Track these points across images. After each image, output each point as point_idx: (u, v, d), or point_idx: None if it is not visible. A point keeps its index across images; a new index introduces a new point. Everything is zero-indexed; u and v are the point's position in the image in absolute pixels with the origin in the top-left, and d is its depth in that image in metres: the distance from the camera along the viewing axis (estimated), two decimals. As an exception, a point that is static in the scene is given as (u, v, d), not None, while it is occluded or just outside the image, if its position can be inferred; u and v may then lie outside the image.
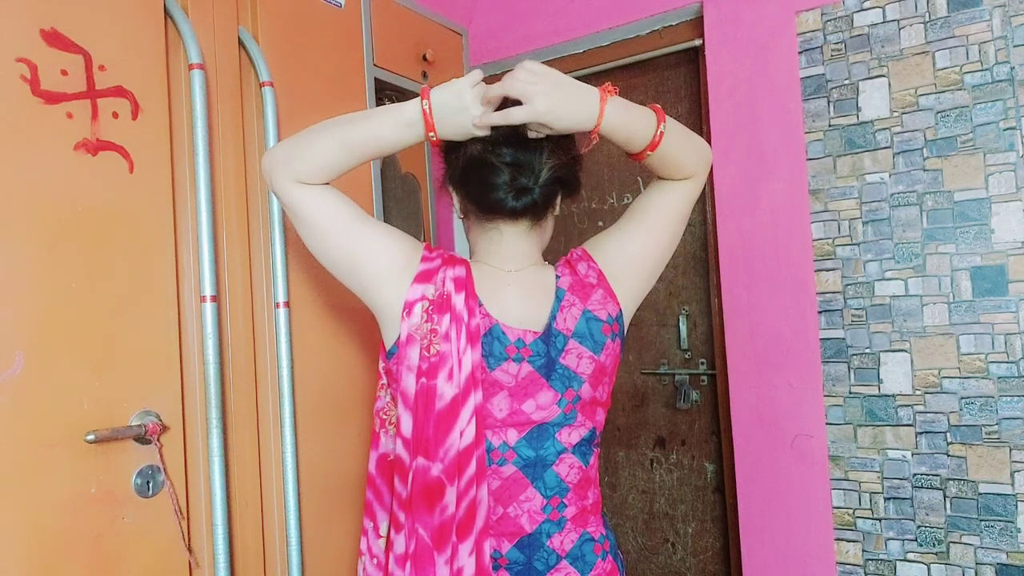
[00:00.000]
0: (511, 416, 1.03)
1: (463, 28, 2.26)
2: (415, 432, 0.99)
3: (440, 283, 1.02)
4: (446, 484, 0.98)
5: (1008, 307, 1.58)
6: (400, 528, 1.03)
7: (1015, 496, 1.57)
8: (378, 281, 1.04)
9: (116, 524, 1.15)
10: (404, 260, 1.04)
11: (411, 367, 0.98)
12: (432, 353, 0.98)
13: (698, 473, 2.12)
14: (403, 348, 1.00)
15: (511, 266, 1.09)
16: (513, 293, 1.07)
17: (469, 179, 1.05)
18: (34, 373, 1.07)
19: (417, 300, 1.00)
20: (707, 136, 1.98)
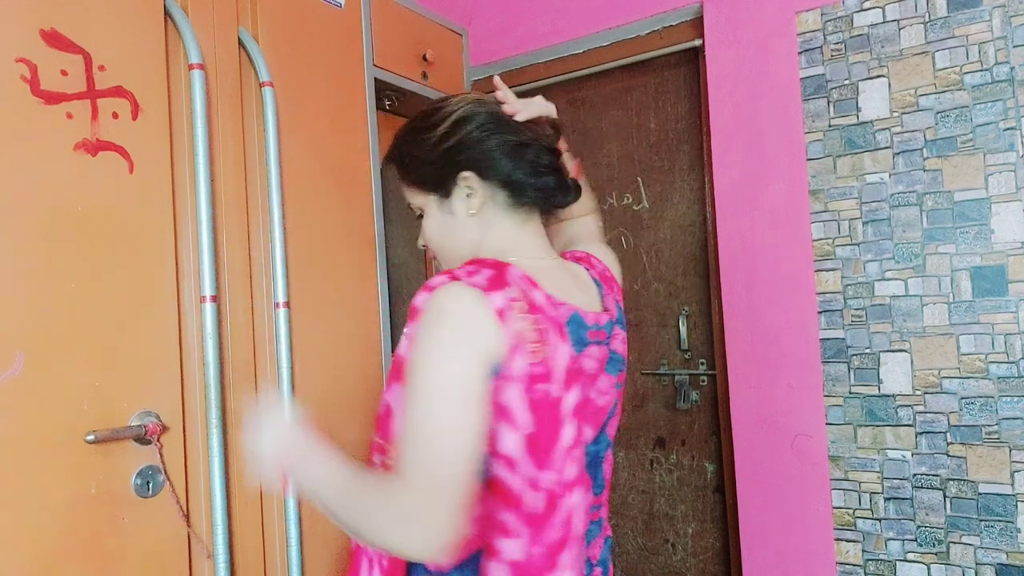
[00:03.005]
0: (590, 406, 0.95)
1: (463, 28, 2.26)
2: (528, 444, 0.83)
3: (512, 282, 0.87)
4: (560, 494, 0.85)
5: (1008, 307, 1.58)
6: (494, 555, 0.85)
7: (1015, 496, 1.57)
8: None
9: (116, 524, 1.15)
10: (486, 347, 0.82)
11: (516, 376, 0.83)
12: (536, 356, 0.85)
13: (698, 473, 2.12)
14: (509, 358, 0.83)
15: (547, 255, 1.00)
16: (566, 278, 0.99)
17: (506, 162, 0.94)
18: (34, 373, 1.07)
19: (504, 305, 0.82)
20: (707, 136, 1.98)
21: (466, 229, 0.97)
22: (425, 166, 0.95)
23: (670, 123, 2.16)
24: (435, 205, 0.96)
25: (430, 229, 0.98)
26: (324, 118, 1.64)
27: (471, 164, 0.94)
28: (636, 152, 2.22)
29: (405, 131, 0.98)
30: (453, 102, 0.97)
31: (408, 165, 0.97)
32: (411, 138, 0.97)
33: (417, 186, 0.97)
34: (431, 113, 0.97)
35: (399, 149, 0.99)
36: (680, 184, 2.15)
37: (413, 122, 0.99)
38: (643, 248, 2.21)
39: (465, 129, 0.94)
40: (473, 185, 0.94)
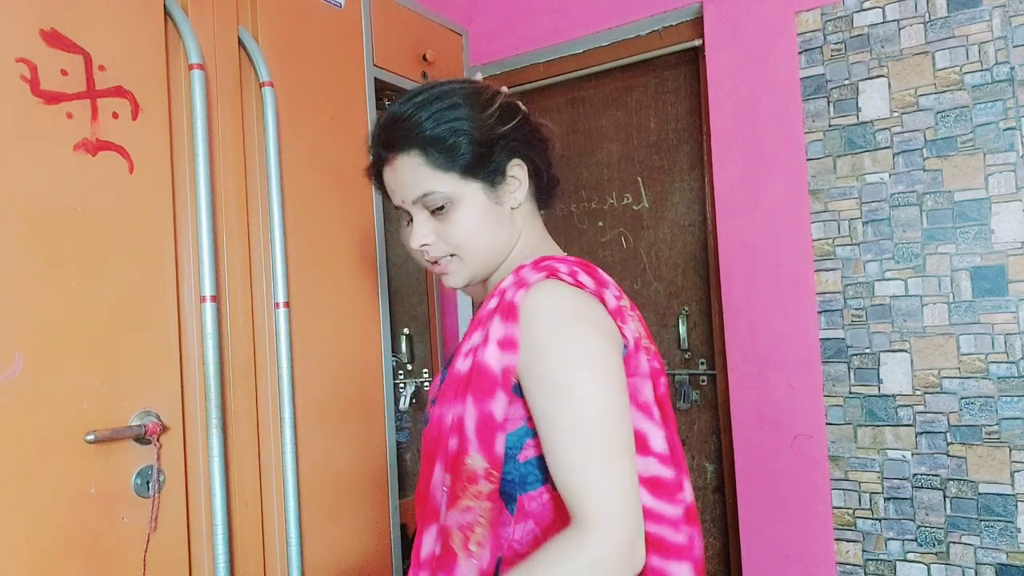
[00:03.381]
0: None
1: (463, 28, 2.26)
2: (669, 442, 0.82)
3: (608, 279, 0.89)
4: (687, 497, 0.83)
5: (1008, 307, 1.58)
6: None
7: (1015, 496, 1.57)
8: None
9: (115, 524, 1.15)
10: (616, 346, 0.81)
11: (643, 374, 0.81)
12: (650, 352, 0.87)
13: (698, 473, 2.12)
14: (632, 357, 0.82)
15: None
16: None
17: (545, 156, 0.95)
18: (34, 373, 1.07)
19: (615, 305, 0.83)
20: (707, 136, 1.98)
21: (510, 224, 0.91)
22: (478, 147, 0.85)
23: (670, 123, 2.16)
24: (479, 194, 0.87)
25: (468, 221, 0.86)
26: (324, 118, 1.64)
27: (522, 152, 0.90)
28: (636, 152, 2.22)
29: (444, 106, 0.85)
30: (481, 83, 0.91)
31: (452, 145, 0.84)
32: (459, 114, 0.85)
33: (459, 170, 0.85)
34: (477, 91, 0.88)
35: (441, 125, 0.84)
36: (680, 184, 2.15)
37: (451, 96, 0.86)
38: (643, 248, 2.21)
39: (520, 113, 0.90)
40: (520, 176, 0.90)
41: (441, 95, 0.86)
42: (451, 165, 0.85)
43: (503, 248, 0.91)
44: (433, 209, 0.86)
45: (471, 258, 0.89)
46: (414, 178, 0.86)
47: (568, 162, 2.34)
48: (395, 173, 0.88)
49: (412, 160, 0.85)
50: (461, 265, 0.89)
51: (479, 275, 0.91)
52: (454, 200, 0.86)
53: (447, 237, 0.87)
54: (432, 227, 0.88)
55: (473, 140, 0.85)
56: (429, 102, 0.85)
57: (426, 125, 0.84)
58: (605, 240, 2.28)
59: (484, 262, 0.90)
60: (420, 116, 0.85)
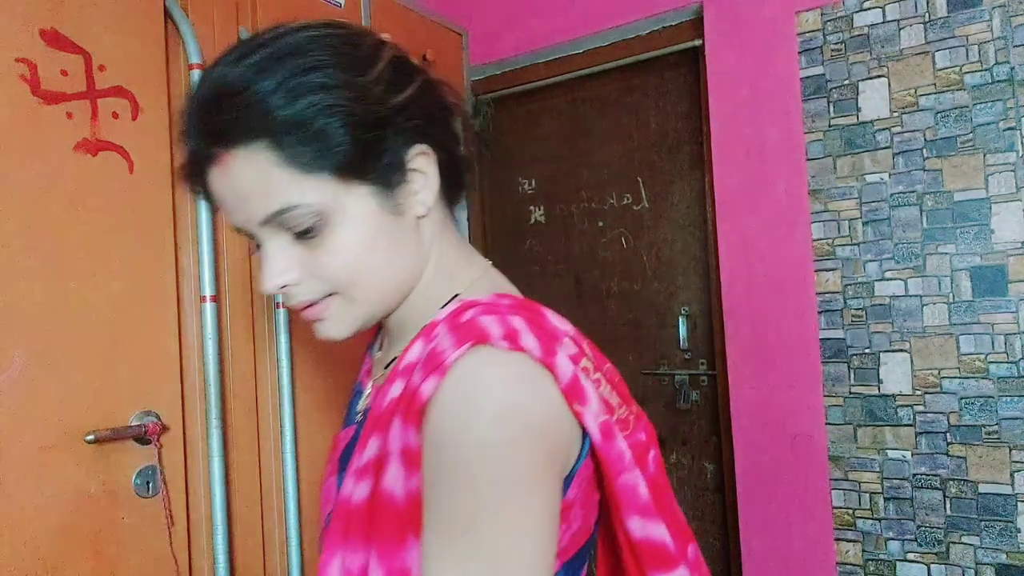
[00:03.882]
0: None
1: (463, 28, 2.26)
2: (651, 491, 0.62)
3: (558, 326, 0.60)
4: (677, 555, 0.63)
5: (1008, 307, 1.58)
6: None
7: (1015, 496, 1.57)
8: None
9: (115, 524, 1.15)
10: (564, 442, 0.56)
11: (630, 463, 0.60)
12: (628, 426, 0.63)
13: (698, 473, 2.12)
14: (607, 446, 0.58)
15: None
16: None
17: (453, 134, 0.66)
18: (34, 373, 1.07)
19: (571, 376, 0.55)
20: (707, 136, 1.98)
21: (416, 240, 0.62)
22: (362, 131, 0.55)
23: (670, 123, 2.16)
24: (368, 202, 0.58)
25: (354, 245, 0.57)
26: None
27: (427, 132, 0.61)
28: (636, 152, 2.22)
29: (301, 67, 0.54)
30: (354, 28, 0.61)
31: (320, 131, 0.54)
32: (327, 79, 0.54)
33: (334, 170, 0.55)
34: (351, 41, 0.58)
35: (300, 99, 0.53)
36: (680, 184, 2.15)
37: (311, 51, 0.55)
38: (643, 248, 2.21)
39: (418, 73, 0.62)
40: (426, 168, 0.61)
41: (295, 49, 0.55)
42: (321, 163, 0.55)
43: (407, 277, 0.63)
44: (298, 232, 0.57)
45: (362, 296, 0.60)
46: (261, 186, 0.55)
47: (568, 162, 2.34)
48: (229, 178, 0.56)
49: (256, 158, 0.54)
50: (346, 307, 0.60)
51: (373, 318, 0.63)
52: (329, 216, 0.56)
53: (322, 271, 0.58)
54: (296, 257, 0.58)
55: (353, 120, 0.55)
56: (276, 61, 0.54)
57: (274, 100, 0.53)
58: (605, 240, 2.28)
59: (381, 299, 0.62)
60: (263, 86, 0.53)
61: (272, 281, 0.59)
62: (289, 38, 0.56)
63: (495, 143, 2.48)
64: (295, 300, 0.61)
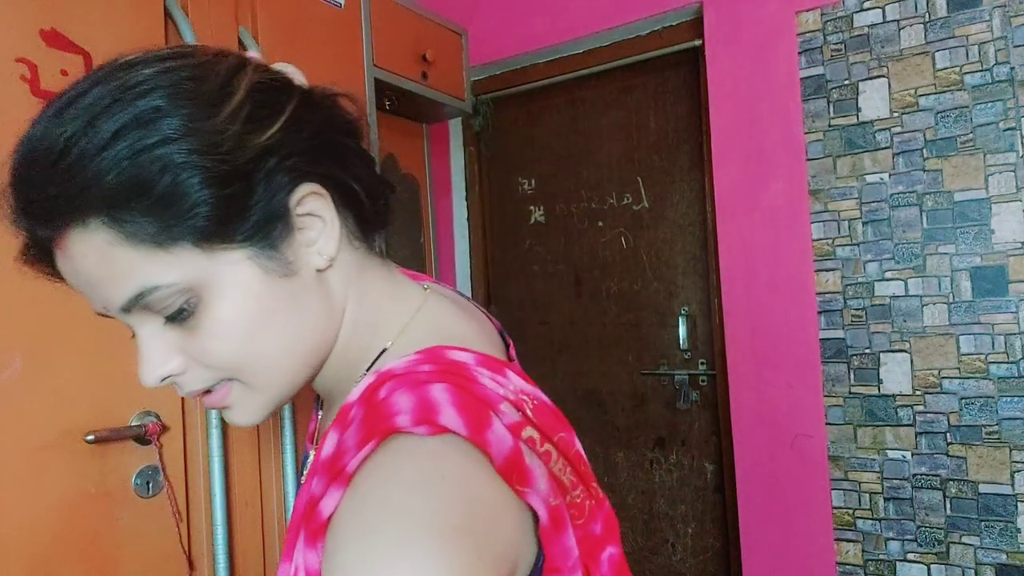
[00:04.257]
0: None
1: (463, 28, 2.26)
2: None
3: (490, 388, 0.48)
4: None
5: (1008, 307, 1.58)
6: None
7: (1015, 496, 1.57)
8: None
9: (115, 524, 1.15)
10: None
11: (572, 559, 0.49)
12: (582, 511, 0.52)
13: (698, 473, 2.12)
14: (550, 539, 0.47)
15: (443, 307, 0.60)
16: (485, 331, 0.60)
17: (357, 160, 0.55)
18: (34, 373, 1.07)
19: (509, 451, 0.45)
20: (707, 136, 1.98)
21: (321, 299, 0.52)
22: (221, 185, 0.45)
23: (670, 123, 2.16)
24: (247, 269, 0.48)
25: (237, 322, 0.48)
26: (324, 118, 1.64)
27: (315, 167, 0.50)
28: (636, 152, 2.22)
29: (132, 114, 0.43)
30: (201, 51, 0.49)
31: (168, 194, 0.43)
32: (167, 127, 0.43)
33: (194, 238, 0.45)
34: (196, 71, 0.46)
35: (136, 156, 0.43)
36: (680, 184, 2.15)
37: (143, 92, 0.44)
38: (643, 248, 2.21)
39: (292, 94, 0.50)
40: (321, 210, 0.51)
41: (123, 94, 0.44)
42: (173, 233, 0.45)
43: (315, 345, 0.53)
44: (169, 315, 0.47)
45: (259, 381, 0.51)
46: (109, 271, 0.45)
47: (568, 162, 2.35)
48: (71, 264, 0.46)
49: (94, 239, 0.44)
50: (247, 394, 0.52)
51: (284, 398, 0.54)
52: (201, 292, 0.47)
53: (205, 357, 0.49)
54: (174, 343, 0.49)
55: (205, 176, 0.44)
56: (100, 113, 0.44)
57: (100, 165, 0.43)
58: (605, 240, 2.28)
59: (285, 380, 0.52)
60: (84, 148, 0.43)
61: (151, 374, 0.49)
62: (115, 80, 0.45)
63: (495, 143, 2.48)
64: (186, 390, 0.51)
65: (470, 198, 2.50)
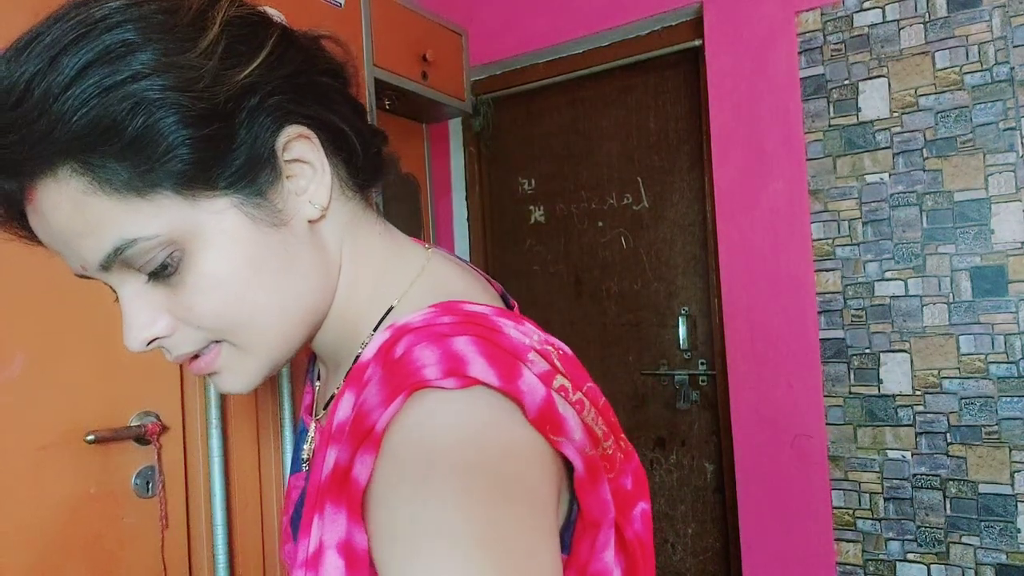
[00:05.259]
0: None
1: (463, 28, 2.26)
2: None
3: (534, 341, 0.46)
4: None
5: (1008, 307, 1.58)
6: None
7: (1015, 496, 1.57)
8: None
9: (116, 524, 1.15)
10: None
11: (606, 506, 0.46)
12: (614, 463, 0.49)
13: (698, 473, 2.12)
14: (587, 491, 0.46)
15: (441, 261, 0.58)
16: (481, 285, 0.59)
17: (344, 104, 0.51)
18: (34, 373, 1.07)
19: (543, 400, 0.43)
20: (707, 136, 1.98)
21: (314, 251, 0.49)
22: (200, 125, 0.41)
23: (670, 123, 2.16)
24: (234, 217, 0.44)
25: (224, 278, 0.45)
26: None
27: (301, 107, 0.46)
28: (636, 152, 2.22)
29: (99, 50, 0.40)
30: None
31: (142, 136, 0.40)
32: (139, 62, 0.40)
33: (174, 184, 0.42)
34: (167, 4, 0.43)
35: (106, 94, 0.39)
36: (680, 184, 2.15)
37: (111, 26, 0.40)
38: (643, 248, 2.21)
39: (272, 29, 0.47)
40: (309, 154, 0.47)
41: (89, 28, 0.41)
42: (151, 179, 0.41)
43: (311, 303, 0.49)
44: (151, 271, 0.44)
45: (252, 341, 0.47)
46: (83, 223, 0.42)
47: (568, 162, 2.35)
48: (43, 219, 0.43)
49: (66, 188, 0.41)
50: (238, 357, 0.48)
51: (279, 362, 0.50)
52: (185, 244, 0.43)
53: (192, 315, 0.45)
54: (159, 302, 0.46)
55: (182, 114, 0.41)
56: (64, 49, 0.41)
57: (67, 104, 0.39)
58: (605, 240, 2.28)
59: (279, 341, 0.49)
60: (48, 87, 0.40)
61: (136, 337, 0.45)
62: (78, 15, 0.42)
63: (495, 143, 2.48)
64: (174, 355, 0.48)
65: (470, 198, 2.50)
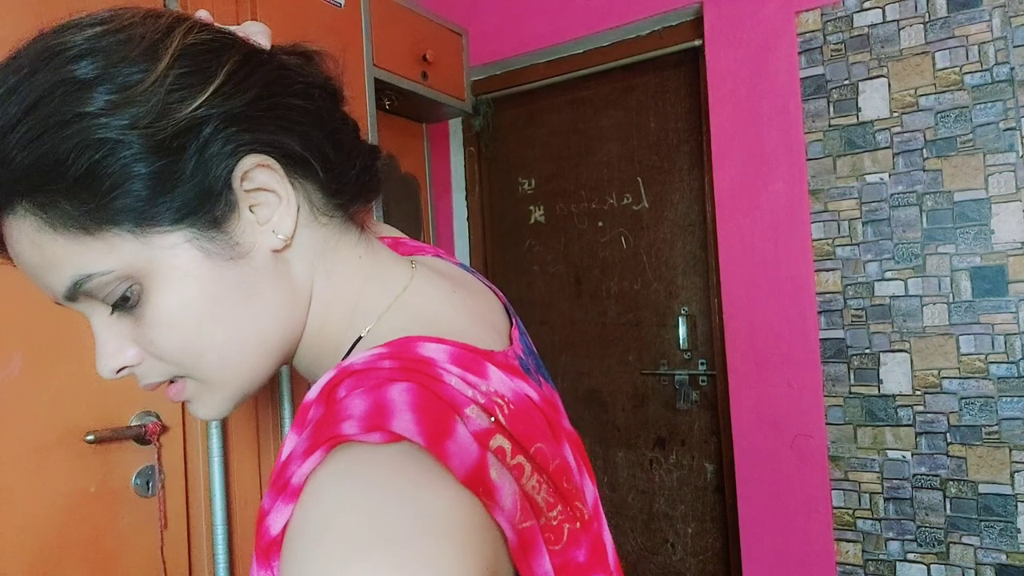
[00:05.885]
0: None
1: (463, 28, 2.26)
2: None
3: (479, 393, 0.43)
4: None
5: (1008, 307, 1.58)
6: None
7: (1015, 496, 1.57)
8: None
9: (116, 524, 1.15)
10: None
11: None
12: (560, 536, 0.44)
13: (698, 473, 2.12)
14: (520, 562, 0.41)
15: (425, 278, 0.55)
16: (479, 306, 0.56)
17: (314, 127, 0.49)
18: (34, 373, 1.07)
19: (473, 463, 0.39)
20: (707, 136, 1.98)
21: (277, 281, 0.48)
22: (148, 159, 0.41)
23: (670, 123, 2.16)
24: (187, 254, 0.44)
25: (179, 314, 0.44)
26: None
27: (261, 132, 0.45)
28: (636, 152, 2.22)
29: (43, 89, 0.40)
30: (131, 12, 0.45)
31: (88, 175, 0.40)
32: (82, 100, 0.40)
33: (125, 222, 0.42)
34: (117, 35, 0.42)
35: (47, 136, 0.39)
36: (680, 184, 2.15)
37: (57, 62, 0.41)
38: (643, 248, 2.21)
39: (232, 51, 0.47)
40: (272, 183, 0.46)
41: (38, 64, 0.42)
42: (99, 216, 0.41)
43: (276, 335, 0.48)
44: (114, 303, 0.45)
45: (213, 377, 0.47)
46: (43, 257, 0.43)
47: (568, 162, 2.35)
48: (13, 249, 0.45)
49: (22, 225, 0.42)
50: (205, 390, 0.48)
51: (246, 393, 0.50)
52: (141, 279, 0.44)
53: (153, 348, 0.46)
54: (126, 332, 0.46)
55: (129, 152, 0.40)
56: (12, 88, 0.41)
57: (11, 145, 0.40)
58: (605, 240, 2.28)
59: (243, 375, 0.48)
60: (2, 125, 0.40)
61: (106, 365, 0.47)
62: (31, 49, 0.43)
63: (495, 143, 2.48)
64: (144, 382, 0.48)
65: (470, 198, 2.50)
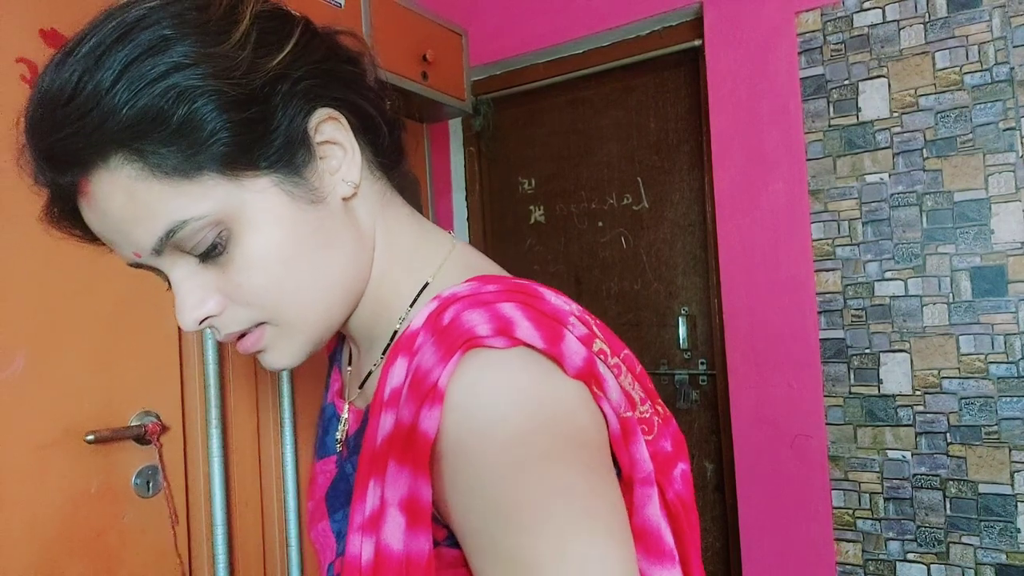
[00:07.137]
0: None
1: (463, 28, 2.25)
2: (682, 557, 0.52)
3: (574, 308, 0.51)
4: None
5: (1008, 307, 1.58)
6: None
7: (1015, 496, 1.57)
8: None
9: (116, 523, 1.15)
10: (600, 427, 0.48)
11: (645, 472, 0.49)
12: (651, 428, 0.53)
13: (698, 473, 2.12)
14: (620, 449, 0.49)
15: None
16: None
17: (367, 89, 0.56)
18: (34, 373, 1.07)
19: (583, 361, 0.46)
20: (707, 136, 1.98)
21: (349, 228, 0.52)
22: (237, 109, 0.45)
23: (670, 123, 2.16)
24: (274, 195, 0.48)
25: (270, 253, 0.48)
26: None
27: (328, 91, 0.51)
28: (636, 152, 2.22)
29: (139, 48, 0.44)
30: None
31: (186, 122, 0.43)
32: (176, 55, 0.43)
33: (219, 165, 0.45)
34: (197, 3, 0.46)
35: (150, 86, 0.43)
36: (680, 184, 2.15)
37: (148, 25, 0.44)
38: (643, 248, 2.21)
39: (294, 23, 0.52)
40: (339, 136, 0.51)
41: (129, 28, 0.45)
42: (197, 161, 0.45)
43: (351, 278, 0.52)
44: (202, 252, 0.47)
45: (297, 318, 0.50)
46: (136, 208, 0.45)
47: (568, 162, 2.35)
48: (98, 209, 0.47)
49: (118, 176, 0.44)
50: (284, 335, 0.51)
51: (322, 339, 0.54)
52: (231, 223, 0.47)
53: (240, 293, 0.48)
54: (210, 282, 0.49)
55: (222, 100, 0.44)
56: (108, 49, 0.44)
57: (115, 98, 0.43)
58: (605, 240, 2.28)
59: (322, 317, 0.52)
60: (97, 84, 0.43)
61: (189, 316, 0.49)
62: (120, 17, 0.46)
63: (495, 143, 2.48)
64: (223, 333, 0.51)
65: (470, 198, 2.50)
